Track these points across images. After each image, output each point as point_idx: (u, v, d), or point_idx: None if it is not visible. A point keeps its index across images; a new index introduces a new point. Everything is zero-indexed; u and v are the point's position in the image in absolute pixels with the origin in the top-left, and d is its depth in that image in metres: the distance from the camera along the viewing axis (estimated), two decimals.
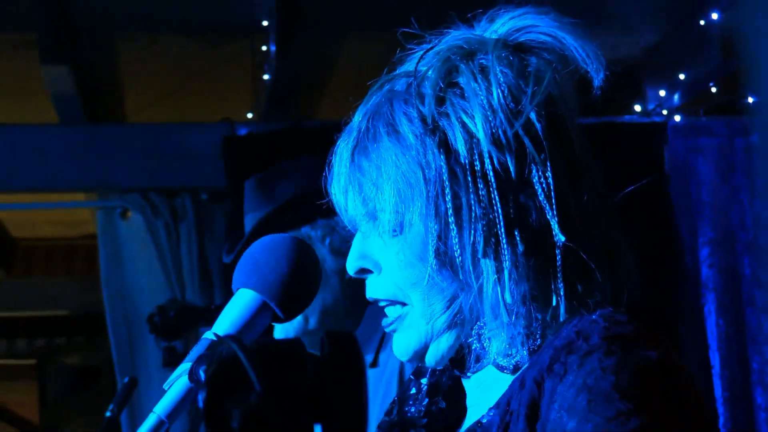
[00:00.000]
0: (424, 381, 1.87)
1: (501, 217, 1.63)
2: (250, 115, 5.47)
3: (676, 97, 5.14)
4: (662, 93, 5.16)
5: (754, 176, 4.09)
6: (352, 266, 1.75)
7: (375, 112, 1.70)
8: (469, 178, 1.63)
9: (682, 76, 5.02)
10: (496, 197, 1.63)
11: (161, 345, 4.73)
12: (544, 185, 1.63)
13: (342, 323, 3.03)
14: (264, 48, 5.05)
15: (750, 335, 3.72)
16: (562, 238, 1.63)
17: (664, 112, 5.12)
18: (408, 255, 1.70)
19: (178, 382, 1.78)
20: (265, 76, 5.03)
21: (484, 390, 1.76)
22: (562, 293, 1.65)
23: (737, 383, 3.07)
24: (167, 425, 1.77)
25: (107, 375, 5.22)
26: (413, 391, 1.89)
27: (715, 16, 4.68)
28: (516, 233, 1.65)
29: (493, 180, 1.63)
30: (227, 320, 1.77)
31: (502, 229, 1.64)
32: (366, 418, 1.10)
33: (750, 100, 4.68)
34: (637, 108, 5.22)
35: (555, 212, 1.64)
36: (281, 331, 2.98)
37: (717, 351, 2.97)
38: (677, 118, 5.02)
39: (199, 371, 1.47)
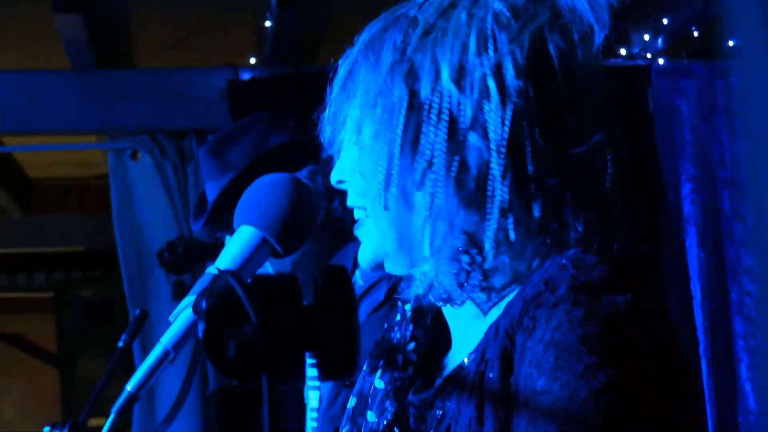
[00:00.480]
0: (407, 307, 1.85)
1: (443, 156, 1.62)
2: (253, 61, 5.44)
3: (659, 41, 5.13)
4: (646, 37, 5.14)
5: (733, 116, 4.08)
6: (332, 177, 1.79)
7: (370, 39, 1.70)
8: (424, 114, 1.62)
9: (665, 21, 5.00)
10: (444, 136, 1.62)
11: (170, 279, 4.72)
12: (498, 132, 1.61)
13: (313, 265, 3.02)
14: None
15: (729, 267, 3.72)
16: (505, 190, 1.61)
17: (648, 55, 5.11)
18: (363, 170, 1.72)
19: (182, 315, 1.77)
20: (267, 23, 5.00)
21: (464, 329, 1.74)
22: (500, 236, 1.64)
23: (717, 313, 3.07)
24: (173, 355, 1.76)
25: (120, 307, 5.22)
26: (398, 318, 1.87)
27: None
28: (457, 174, 1.63)
29: (446, 120, 1.62)
30: (229, 256, 1.77)
31: (442, 169, 1.63)
32: (358, 349, 1.09)
33: (729, 43, 4.66)
34: (622, 52, 5.21)
35: (507, 160, 1.62)
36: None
37: (698, 282, 2.96)
38: (660, 61, 5.01)
39: (201, 304, 1.46)
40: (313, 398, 2.69)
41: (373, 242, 1.76)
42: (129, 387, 1.83)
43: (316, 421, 1.94)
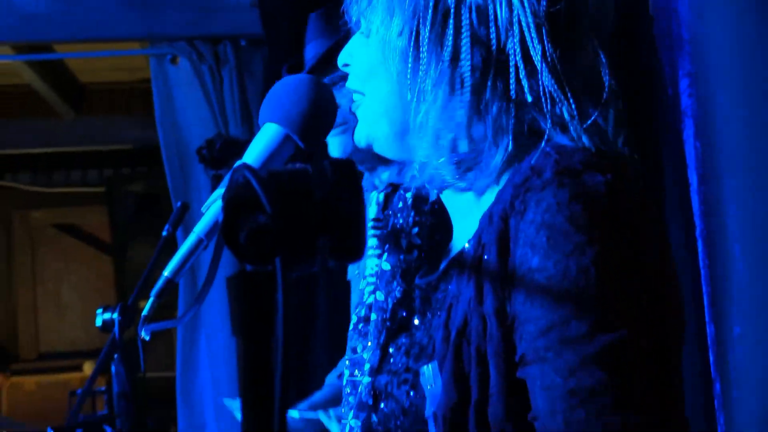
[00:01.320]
0: (408, 195, 1.84)
1: (449, 48, 1.61)
2: None
3: None
4: None
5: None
6: (338, 59, 1.77)
7: None
8: (430, 2, 1.61)
9: None
10: (451, 29, 1.60)
11: (209, 173, 4.74)
12: (503, 26, 1.60)
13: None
14: None
15: (723, 156, 3.67)
16: (502, 85, 1.60)
17: None
18: (369, 56, 1.71)
19: (213, 206, 1.77)
20: None
21: (462, 216, 1.73)
22: (495, 129, 1.62)
23: (712, 197, 3.04)
24: (205, 243, 1.76)
25: (165, 200, 5.23)
26: (400, 205, 1.86)
27: None
28: (459, 66, 1.61)
29: (451, 11, 1.60)
30: (254, 151, 1.76)
31: (445, 60, 1.61)
32: (364, 234, 1.09)
33: None
34: None
35: (509, 56, 1.60)
36: None
37: (695, 170, 2.92)
38: None
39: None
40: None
41: (369, 124, 1.75)
42: (166, 272, 1.83)
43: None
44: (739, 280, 2.14)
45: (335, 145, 2.91)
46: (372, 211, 2.01)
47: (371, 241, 1.89)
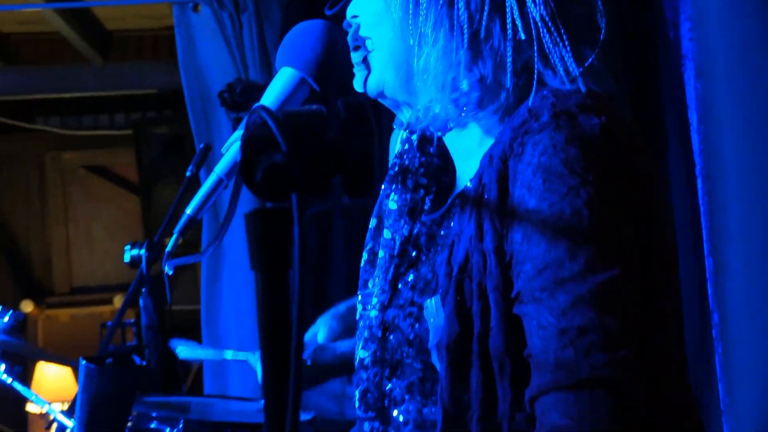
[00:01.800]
0: (414, 137, 1.83)
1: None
2: None
3: None
4: None
5: None
6: (348, 11, 1.75)
7: None
8: None
9: None
10: None
11: (230, 116, 4.72)
12: None
13: None
14: None
15: (722, 95, 3.65)
16: (500, 29, 1.59)
17: None
18: (377, 5, 1.70)
19: (232, 147, 1.76)
20: None
21: (464, 157, 1.73)
22: (495, 70, 1.62)
23: (711, 136, 3.03)
24: (226, 182, 1.76)
25: (189, 142, 5.22)
26: (406, 147, 1.85)
27: None
28: (461, 10, 1.60)
29: None
30: (272, 94, 1.75)
31: (446, 5, 1.60)
32: (374, 172, 1.08)
33: None
34: None
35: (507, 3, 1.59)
36: None
37: (695, 111, 2.90)
38: None
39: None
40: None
41: (377, 71, 1.74)
42: (189, 210, 1.83)
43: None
44: (736, 215, 2.13)
45: None
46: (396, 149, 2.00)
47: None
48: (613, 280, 1.44)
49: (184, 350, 3.12)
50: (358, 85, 1.76)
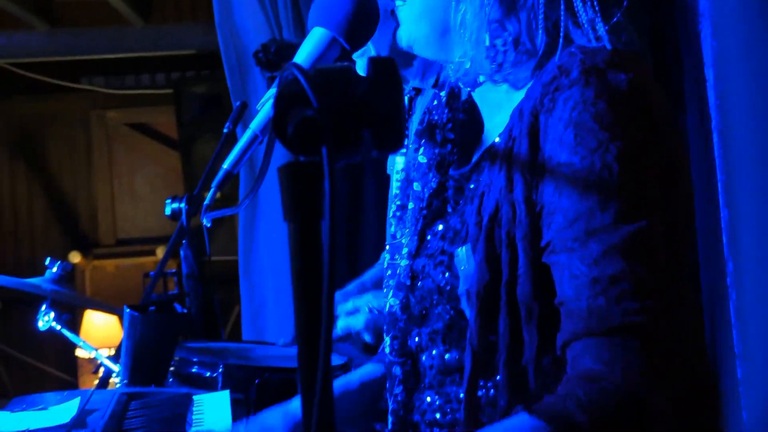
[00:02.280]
0: (443, 93, 1.83)
1: None
2: None
3: None
4: None
5: None
6: None
7: None
8: None
9: None
10: None
11: (265, 75, 4.70)
12: None
13: None
14: None
15: (740, 52, 3.60)
16: None
17: None
18: None
19: (267, 104, 1.76)
20: None
21: (493, 113, 1.72)
22: (526, 28, 1.61)
23: (726, 91, 2.99)
24: (260, 138, 1.76)
25: (226, 100, 5.22)
26: (435, 102, 1.85)
27: None
28: None
29: None
30: (304, 53, 1.75)
31: None
32: (404, 125, 1.07)
33: None
34: None
35: None
36: None
37: (712, 68, 2.85)
38: None
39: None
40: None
41: (410, 25, 1.73)
42: (226, 165, 1.83)
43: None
44: (750, 169, 2.12)
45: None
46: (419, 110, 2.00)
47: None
48: (643, 230, 1.44)
49: None
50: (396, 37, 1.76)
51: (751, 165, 2.13)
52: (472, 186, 1.70)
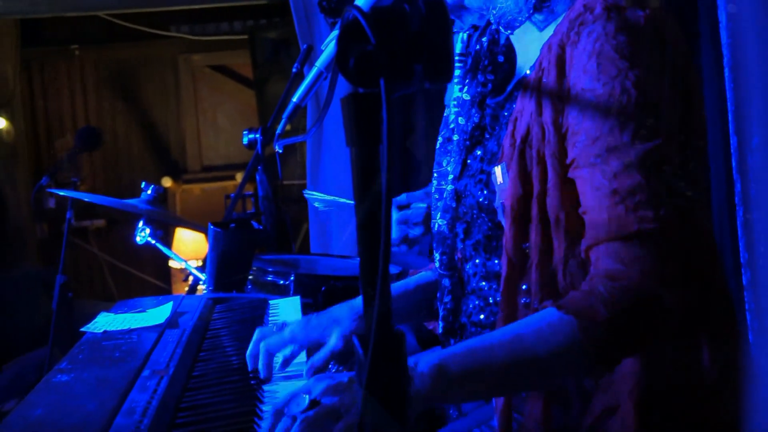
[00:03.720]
0: (484, 39, 1.83)
1: None
2: None
3: None
4: None
5: None
6: None
7: None
8: None
9: None
10: None
11: (328, 21, 4.66)
12: None
13: None
14: None
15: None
16: None
17: None
18: None
19: (330, 44, 1.74)
20: None
21: (526, 49, 1.72)
22: None
23: (738, 30, 2.91)
24: (325, 74, 1.75)
25: (294, 44, 5.19)
26: (477, 47, 1.85)
27: None
28: None
29: None
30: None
31: None
32: (453, 60, 1.06)
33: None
34: None
35: None
36: None
37: (724, 10, 2.78)
38: None
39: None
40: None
41: None
42: (294, 99, 1.83)
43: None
44: (759, 100, 2.08)
45: None
46: (457, 48, 1.98)
47: (456, 72, 1.87)
48: (658, 147, 1.44)
49: None
50: None
51: (759, 98, 2.09)
52: (506, 113, 1.70)
